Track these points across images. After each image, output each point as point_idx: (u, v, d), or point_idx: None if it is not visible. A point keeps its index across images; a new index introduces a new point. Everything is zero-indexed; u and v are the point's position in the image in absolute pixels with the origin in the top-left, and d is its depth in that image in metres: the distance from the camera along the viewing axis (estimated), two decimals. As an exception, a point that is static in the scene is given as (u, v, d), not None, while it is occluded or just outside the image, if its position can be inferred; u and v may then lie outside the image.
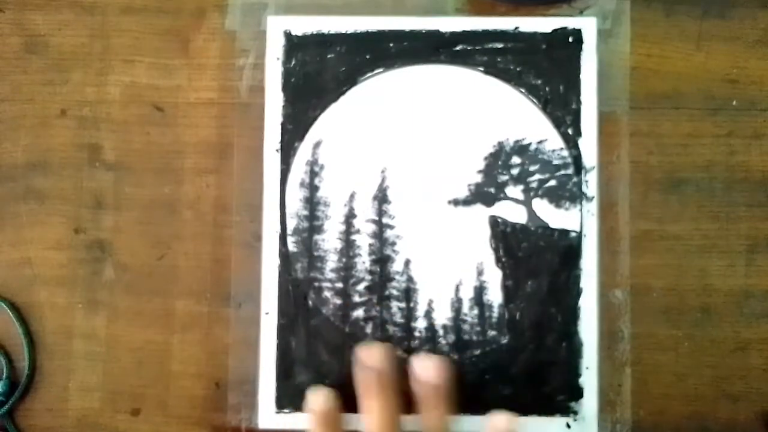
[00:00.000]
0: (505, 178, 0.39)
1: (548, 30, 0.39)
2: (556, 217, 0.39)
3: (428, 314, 0.38)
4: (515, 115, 0.39)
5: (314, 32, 0.40)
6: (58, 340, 0.40)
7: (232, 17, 0.40)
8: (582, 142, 0.39)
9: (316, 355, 0.38)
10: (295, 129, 0.39)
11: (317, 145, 0.39)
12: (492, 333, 0.38)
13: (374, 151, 0.39)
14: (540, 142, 0.39)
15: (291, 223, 0.39)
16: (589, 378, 0.38)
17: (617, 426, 0.38)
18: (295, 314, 0.38)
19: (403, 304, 0.38)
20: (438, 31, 0.39)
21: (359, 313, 0.38)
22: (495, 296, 0.38)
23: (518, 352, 0.38)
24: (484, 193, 0.39)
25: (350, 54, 0.39)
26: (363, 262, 0.39)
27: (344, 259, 0.39)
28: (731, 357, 0.39)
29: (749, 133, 0.40)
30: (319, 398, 0.36)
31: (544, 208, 0.39)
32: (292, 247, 0.39)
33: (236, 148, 0.40)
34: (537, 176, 0.39)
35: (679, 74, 0.40)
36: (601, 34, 0.39)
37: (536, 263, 0.39)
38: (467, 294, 0.38)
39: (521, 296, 0.38)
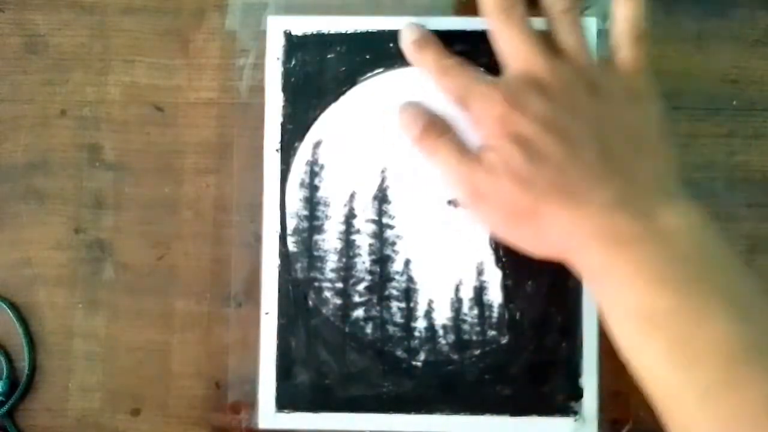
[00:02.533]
0: (505, 178, 0.39)
1: (548, 29, 0.39)
2: (556, 217, 0.39)
3: (428, 314, 0.38)
4: (515, 115, 0.39)
5: (314, 32, 0.40)
6: (58, 340, 0.40)
7: (232, 17, 0.40)
8: (582, 142, 0.39)
9: (316, 355, 0.38)
10: (295, 129, 0.39)
11: (317, 145, 0.39)
12: (492, 333, 0.38)
13: (374, 151, 0.39)
14: (540, 142, 0.39)
15: (291, 223, 0.39)
16: (589, 378, 0.38)
17: (617, 426, 0.38)
18: (295, 314, 0.38)
19: (403, 304, 0.38)
20: (438, 31, 0.39)
21: (359, 313, 0.38)
22: (495, 296, 0.38)
23: (518, 352, 0.38)
24: (484, 193, 0.39)
25: (350, 54, 0.39)
26: (363, 262, 0.39)
27: (344, 259, 0.39)
28: (731, 357, 0.39)
29: (749, 133, 0.40)
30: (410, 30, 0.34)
31: (544, 208, 0.39)
32: (292, 247, 0.39)
33: (236, 148, 0.40)
34: (537, 176, 0.39)
35: (679, 74, 0.40)
36: (601, 34, 0.39)
37: (536, 263, 0.38)
38: (467, 294, 0.38)
39: (521, 296, 0.38)
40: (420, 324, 0.38)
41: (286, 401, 0.38)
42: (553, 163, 0.30)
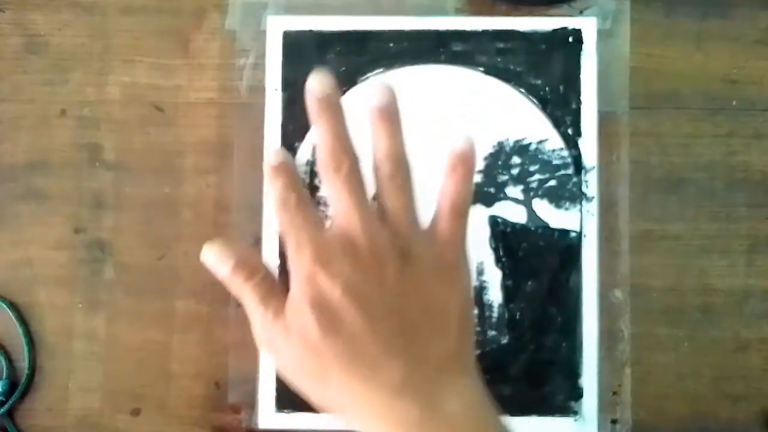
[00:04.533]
0: (505, 178, 0.39)
1: (548, 30, 0.39)
2: (556, 217, 0.39)
3: (428, 314, 0.38)
4: (515, 115, 0.39)
5: (314, 32, 0.39)
6: (58, 340, 0.40)
7: (232, 17, 0.40)
8: (582, 142, 0.39)
9: (316, 355, 0.38)
10: (295, 129, 0.39)
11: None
12: (492, 333, 0.38)
13: (374, 151, 0.39)
14: (540, 142, 0.39)
15: (291, 223, 0.39)
16: (589, 378, 0.38)
17: (617, 426, 0.38)
18: (295, 314, 0.38)
19: (403, 304, 0.38)
20: (438, 31, 0.39)
21: (359, 313, 0.38)
22: (495, 296, 0.38)
23: (518, 352, 0.38)
24: (484, 193, 0.39)
25: (350, 54, 0.39)
26: (363, 262, 0.38)
27: (344, 259, 0.39)
28: (731, 357, 0.39)
29: (749, 133, 0.40)
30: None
31: (544, 208, 0.39)
32: (292, 247, 0.39)
33: (236, 148, 0.40)
34: (537, 176, 0.39)
35: (679, 74, 0.40)
36: (601, 34, 0.39)
37: (536, 263, 0.38)
38: (467, 294, 0.38)
39: (521, 296, 0.38)
40: (420, 324, 0.38)
41: (286, 401, 0.38)
42: (347, 333, 0.29)
